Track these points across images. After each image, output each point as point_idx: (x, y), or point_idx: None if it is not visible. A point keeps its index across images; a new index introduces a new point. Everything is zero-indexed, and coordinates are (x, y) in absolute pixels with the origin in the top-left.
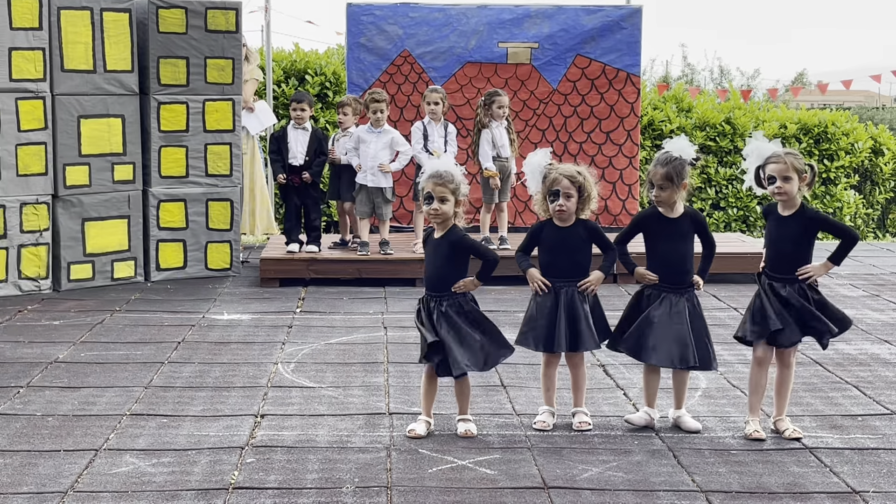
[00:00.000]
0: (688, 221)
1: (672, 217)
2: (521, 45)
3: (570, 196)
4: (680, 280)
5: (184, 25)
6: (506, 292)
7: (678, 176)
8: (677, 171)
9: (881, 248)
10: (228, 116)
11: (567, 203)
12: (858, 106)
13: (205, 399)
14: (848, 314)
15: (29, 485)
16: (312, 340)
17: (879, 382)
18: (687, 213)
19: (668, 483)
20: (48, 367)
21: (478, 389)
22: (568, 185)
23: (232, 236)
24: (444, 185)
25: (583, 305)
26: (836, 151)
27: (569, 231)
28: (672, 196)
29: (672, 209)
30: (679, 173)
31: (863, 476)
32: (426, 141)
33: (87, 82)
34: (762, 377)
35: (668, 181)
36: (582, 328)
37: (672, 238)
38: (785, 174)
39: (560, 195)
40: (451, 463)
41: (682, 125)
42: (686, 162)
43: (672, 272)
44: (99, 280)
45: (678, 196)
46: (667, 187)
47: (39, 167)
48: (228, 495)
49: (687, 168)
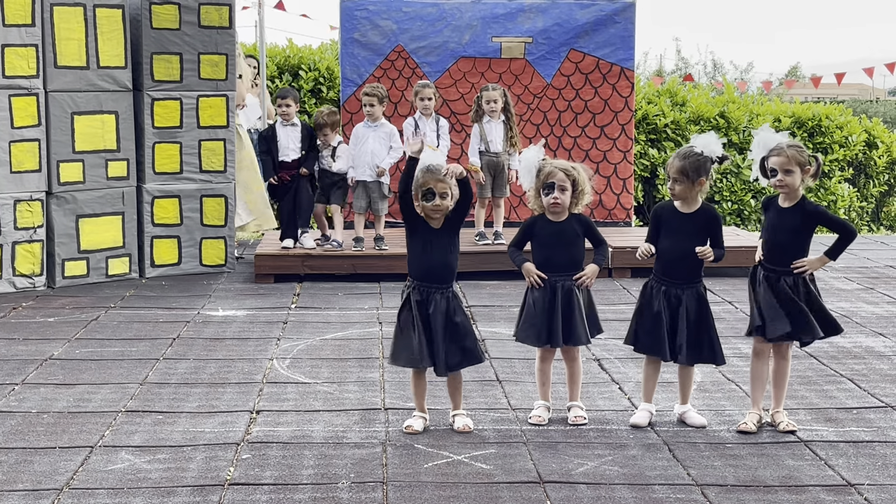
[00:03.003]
0: (703, 219)
1: (687, 212)
2: (514, 40)
3: (564, 189)
4: (688, 275)
5: (177, 21)
6: (500, 287)
7: (694, 172)
8: (694, 166)
9: (875, 241)
10: (222, 112)
11: (562, 196)
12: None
13: (200, 395)
14: (843, 307)
15: (24, 482)
16: (307, 336)
17: (874, 375)
18: (704, 209)
19: (663, 477)
20: (43, 363)
21: (473, 384)
22: (563, 178)
23: (226, 232)
24: (444, 180)
25: (578, 299)
26: (830, 145)
27: (562, 225)
28: (686, 191)
29: (688, 204)
30: (696, 169)
31: (858, 469)
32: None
33: (80, 79)
34: (761, 369)
35: (682, 175)
36: (576, 322)
37: (684, 233)
38: (786, 167)
39: (555, 188)
40: (446, 458)
41: (676, 119)
42: (708, 159)
43: (681, 266)
44: (93, 277)
45: (695, 192)
46: (681, 181)
47: (33, 164)
48: (224, 491)
49: (708, 165)
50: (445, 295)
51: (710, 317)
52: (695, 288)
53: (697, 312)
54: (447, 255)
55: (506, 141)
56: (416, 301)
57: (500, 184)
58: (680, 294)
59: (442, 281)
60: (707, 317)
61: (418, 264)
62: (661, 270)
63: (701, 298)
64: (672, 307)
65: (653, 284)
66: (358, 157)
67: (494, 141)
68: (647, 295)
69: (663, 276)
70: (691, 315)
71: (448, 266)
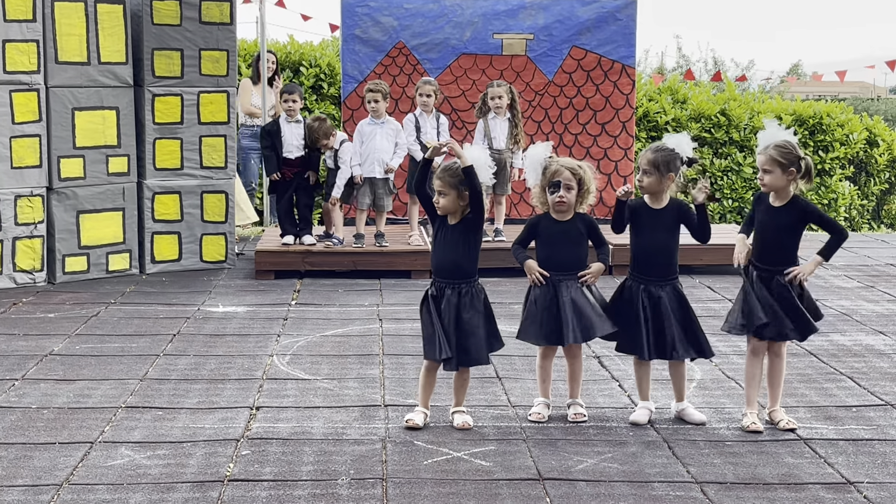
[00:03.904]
0: (674, 213)
1: (656, 208)
2: (516, 37)
3: (570, 188)
4: (663, 272)
5: (178, 17)
6: (500, 284)
7: (665, 166)
8: (665, 160)
9: (876, 239)
10: (223, 108)
11: (567, 195)
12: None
13: (200, 391)
14: (843, 305)
15: (24, 477)
16: (308, 332)
17: (874, 373)
18: (672, 204)
19: (663, 474)
20: (43, 359)
21: (473, 381)
22: (569, 177)
23: (227, 228)
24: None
25: (587, 295)
26: (831, 143)
27: (567, 224)
28: (655, 185)
29: (657, 199)
30: (666, 163)
31: (857, 467)
32: (418, 133)
33: (81, 74)
34: (757, 368)
35: (653, 167)
36: (592, 316)
37: (655, 229)
38: (764, 166)
39: (561, 186)
40: (446, 455)
41: (677, 117)
42: (679, 157)
43: (654, 263)
44: (94, 272)
45: (663, 186)
46: (651, 173)
47: (34, 159)
48: (224, 487)
49: (678, 163)
50: (458, 290)
51: (692, 310)
52: (672, 284)
53: (680, 308)
54: (456, 251)
55: (510, 138)
56: (432, 295)
57: (502, 181)
58: (659, 292)
59: (451, 276)
60: (689, 310)
61: (432, 258)
62: (637, 268)
63: (680, 294)
64: (654, 305)
65: (630, 283)
66: (365, 155)
67: (498, 138)
68: (626, 294)
69: (639, 273)
70: (675, 311)
71: (455, 262)
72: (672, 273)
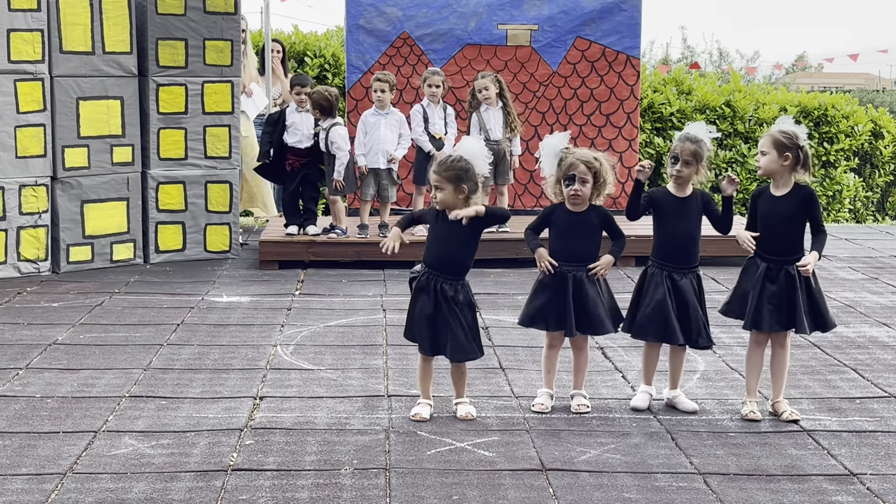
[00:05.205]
0: (697, 202)
1: (681, 196)
2: (520, 28)
3: (585, 181)
4: (685, 259)
5: (182, 7)
6: (504, 275)
7: (702, 157)
8: (702, 151)
9: (881, 230)
10: (227, 98)
11: (582, 188)
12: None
13: (204, 381)
14: (847, 297)
15: (28, 466)
16: (311, 323)
17: (878, 365)
18: (696, 193)
19: (665, 465)
20: (47, 349)
21: (476, 372)
22: (584, 171)
23: (231, 218)
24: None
25: (597, 289)
26: (836, 134)
27: (581, 216)
28: (692, 174)
29: (684, 189)
30: (704, 154)
31: (860, 458)
32: (427, 123)
33: (85, 64)
34: (758, 358)
35: (695, 158)
36: (599, 312)
37: (680, 217)
38: (762, 148)
39: (576, 180)
40: (449, 445)
41: (682, 108)
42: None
43: (679, 251)
44: (98, 262)
45: (696, 176)
46: (692, 164)
47: (38, 149)
48: (227, 477)
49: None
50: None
51: (704, 301)
52: (695, 272)
53: (699, 296)
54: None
55: (505, 127)
56: (421, 286)
57: (503, 171)
58: (682, 279)
59: (444, 271)
60: (703, 300)
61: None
62: (663, 256)
63: (700, 282)
64: (678, 292)
65: (654, 270)
66: (369, 145)
67: (493, 129)
68: (649, 281)
69: (665, 261)
70: (695, 299)
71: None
72: (694, 261)
